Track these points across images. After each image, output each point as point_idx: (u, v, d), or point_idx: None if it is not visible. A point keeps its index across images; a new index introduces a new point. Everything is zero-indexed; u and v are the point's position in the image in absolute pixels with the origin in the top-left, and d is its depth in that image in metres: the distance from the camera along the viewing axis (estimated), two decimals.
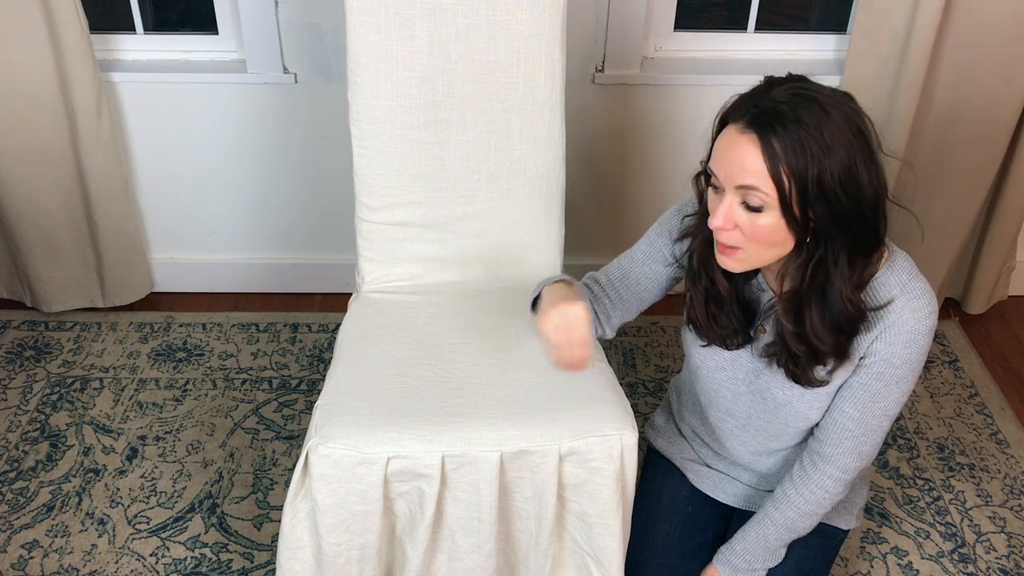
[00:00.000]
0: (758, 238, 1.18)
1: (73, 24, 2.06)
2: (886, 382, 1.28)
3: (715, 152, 1.20)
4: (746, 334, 1.37)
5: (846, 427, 1.33)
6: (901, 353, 1.26)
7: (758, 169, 1.13)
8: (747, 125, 1.14)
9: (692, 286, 1.38)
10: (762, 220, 1.16)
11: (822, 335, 1.24)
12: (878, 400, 1.30)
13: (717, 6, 3.11)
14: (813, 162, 1.11)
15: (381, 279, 1.76)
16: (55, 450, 2.06)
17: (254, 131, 2.34)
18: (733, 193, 1.17)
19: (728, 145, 1.17)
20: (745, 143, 1.14)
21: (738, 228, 1.19)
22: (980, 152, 2.28)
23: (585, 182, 2.42)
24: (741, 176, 1.15)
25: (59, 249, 2.37)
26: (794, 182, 1.12)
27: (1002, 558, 1.88)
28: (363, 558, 1.46)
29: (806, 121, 1.11)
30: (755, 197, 1.15)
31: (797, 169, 1.12)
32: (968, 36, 2.12)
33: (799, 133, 1.11)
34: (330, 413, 1.43)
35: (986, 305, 2.55)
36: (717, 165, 1.19)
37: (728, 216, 1.18)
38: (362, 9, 1.59)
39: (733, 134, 1.16)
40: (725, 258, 1.24)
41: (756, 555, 1.44)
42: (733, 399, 1.44)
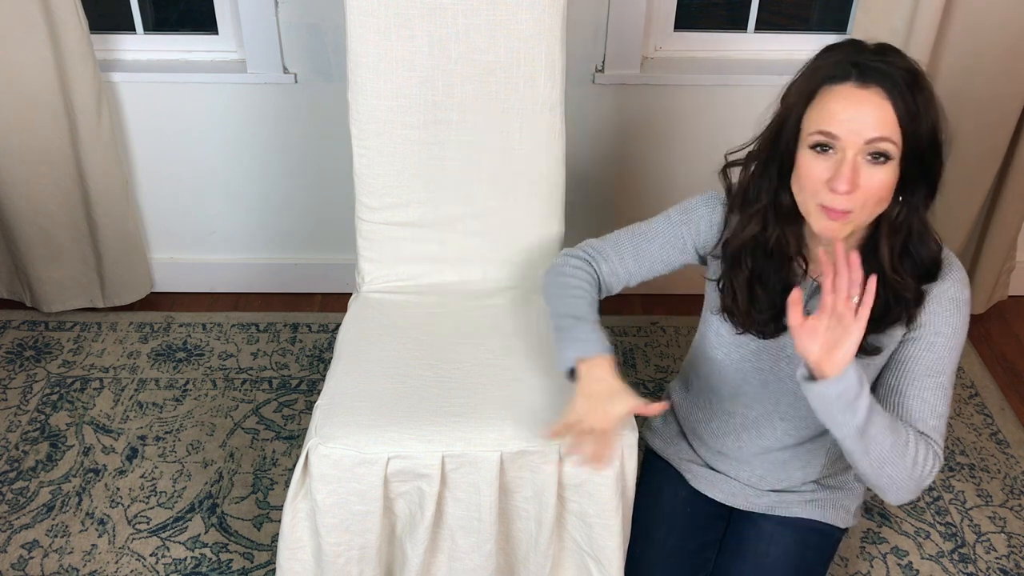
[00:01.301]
0: (875, 195, 1.19)
1: (73, 24, 2.06)
2: (938, 354, 1.29)
3: (826, 114, 1.19)
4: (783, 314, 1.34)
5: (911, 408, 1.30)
6: (950, 321, 1.29)
7: (889, 119, 1.16)
8: (865, 82, 1.17)
9: (732, 273, 1.37)
10: (881, 174, 1.18)
11: (909, 280, 1.26)
12: (931, 374, 1.30)
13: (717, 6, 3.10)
14: (924, 113, 1.17)
15: (381, 279, 1.76)
16: (55, 450, 2.06)
17: (254, 131, 2.34)
18: (857, 150, 1.17)
19: (850, 102, 1.17)
20: (870, 97, 1.16)
21: (858, 188, 1.19)
22: (980, 152, 2.28)
23: (585, 182, 2.42)
24: (872, 128, 1.16)
25: (59, 249, 2.37)
26: (915, 130, 1.17)
27: (1002, 558, 1.88)
28: (363, 558, 1.46)
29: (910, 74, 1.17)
30: (886, 147, 1.17)
31: (915, 117, 1.17)
32: (968, 36, 2.12)
33: (911, 87, 1.17)
34: (330, 413, 1.43)
35: (986, 305, 2.55)
36: (836, 124, 1.18)
37: (853, 178, 1.17)
38: (362, 9, 1.59)
39: (851, 90, 1.18)
40: (834, 223, 1.22)
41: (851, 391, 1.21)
42: (760, 388, 1.44)
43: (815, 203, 1.22)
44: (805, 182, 1.22)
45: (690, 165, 2.42)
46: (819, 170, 1.20)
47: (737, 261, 1.36)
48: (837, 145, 1.18)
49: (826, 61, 1.22)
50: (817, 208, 1.22)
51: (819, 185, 1.20)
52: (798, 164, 1.23)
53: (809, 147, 1.21)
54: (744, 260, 1.35)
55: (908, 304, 1.28)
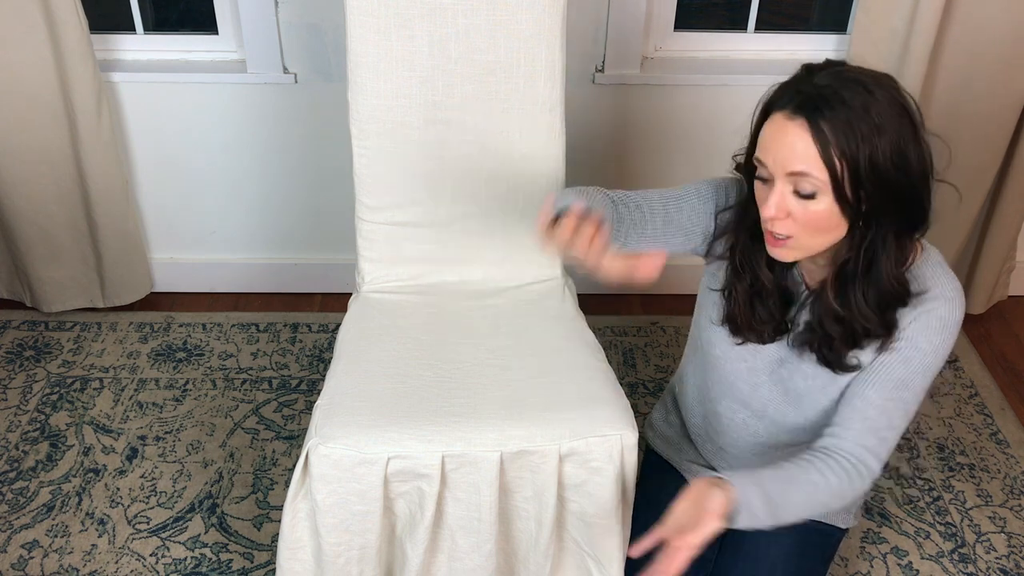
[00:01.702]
0: (811, 225, 1.17)
1: (73, 24, 2.06)
2: (912, 369, 1.26)
3: (761, 142, 1.19)
4: (783, 325, 1.36)
5: (867, 415, 1.28)
6: (931, 338, 1.25)
7: (809, 154, 1.13)
8: (794, 111, 1.14)
9: (736, 282, 1.36)
10: (815, 206, 1.16)
11: (867, 314, 1.23)
12: (901, 388, 1.27)
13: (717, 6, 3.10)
14: (864, 143, 1.11)
15: (381, 279, 1.76)
16: (55, 450, 2.06)
17: (254, 131, 2.34)
18: (784, 181, 1.16)
19: (776, 133, 1.16)
20: (794, 129, 1.14)
21: (791, 217, 1.18)
22: (980, 152, 2.28)
23: (585, 182, 2.41)
24: (792, 163, 1.14)
25: (59, 249, 2.37)
26: (846, 164, 1.12)
27: (1002, 558, 1.88)
28: (363, 558, 1.46)
29: (852, 102, 1.11)
30: (807, 183, 1.14)
31: (848, 151, 1.12)
32: (968, 36, 2.12)
33: (847, 115, 1.11)
34: (330, 413, 1.43)
35: (986, 305, 2.55)
36: (765, 154, 1.18)
37: (780, 205, 1.17)
38: (362, 9, 1.59)
39: (780, 121, 1.15)
40: (777, 249, 1.23)
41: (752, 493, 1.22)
42: (752, 391, 1.43)
43: (764, 228, 1.23)
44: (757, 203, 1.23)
45: (690, 165, 2.42)
46: (760, 195, 1.21)
47: (740, 271, 1.35)
48: (767, 174, 1.18)
49: (781, 84, 1.20)
50: (766, 232, 1.23)
51: (761, 209, 1.21)
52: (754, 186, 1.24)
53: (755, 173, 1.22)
54: (744, 269, 1.34)
55: (872, 334, 1.26)
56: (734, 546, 1.53)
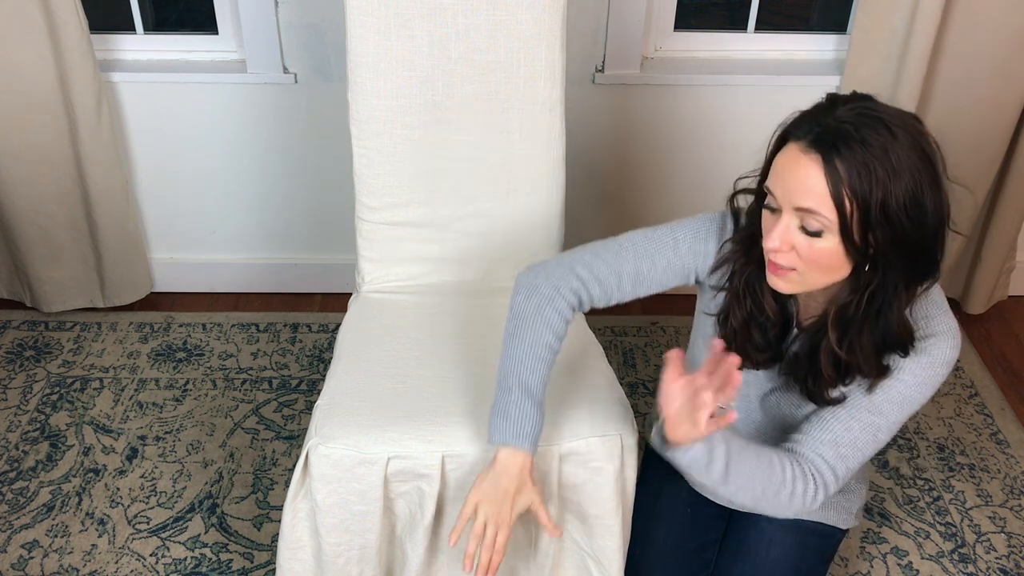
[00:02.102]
0: (815, 262, 1.14)
1: (73, 24, 2.06)
2: (888, 397, 1.24)
3: (774, 171, 1.15)
4: (777, 354, 1.33)
5: (832, 428, 1.27)
6: (918, 373, 1.23)
7: (819, 192, 1.09)
8: (810, 145, 1.10)
9: (734, 308, 1.32)
10: (820, 244, 1.12)
11: (869, 358, 1.21)
12: (874, 412, 1.25)
13: (717, 6, 3.11)
14: (878, 186, 1.07)
15: (381, 279, 1.76)
16: (55, 450, 2.06)
17: (254, 131, 2.34)
18: (791, 215, 1.13)
19: (788, 164, 1.12)
20: (807, 163, 1.10)
21: (795, 250, 1.15)
22: (980, 152, 2.28)
23: (585, 182, 2.42)
24: (801, 198, 1.11)
25: (59, 249, 2.37)
26: (856, 206, 1.08)
27: (1002, 558, 1.88)
28: (363, 558, 1.46)
29: (872, 143, 1.07)
30: (815, 221, 1.11)
31: (860, 193, 1.07)
32: (968, 36, 2.12)
33: (864, 155, 1.07)
34: (330, 413, 1.43)
35: (986, 305, 2.55)
36: (775, 184, 1.14)
37: (784, 239, 1.14)
38: (362, 9, 1.59)
39: (795, 153, 1.12)
40: (777, 279, 1.20)
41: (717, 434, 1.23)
42: (744, 417, 1.43)
43: (767, 255, 1.20)
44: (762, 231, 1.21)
45: (690, 165, 2.42)
46: (766, 224, 1.19)
47: (738, 298, 1.32)
48: (776, 204, 1.15)
49: (802, 112, 1.16)
50: (768, 260, 1.20)
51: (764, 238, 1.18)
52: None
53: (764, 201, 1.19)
54: (744, 299, 1.31)
55: (866, 375, 1.23)
56: (734, 547, 1.53)
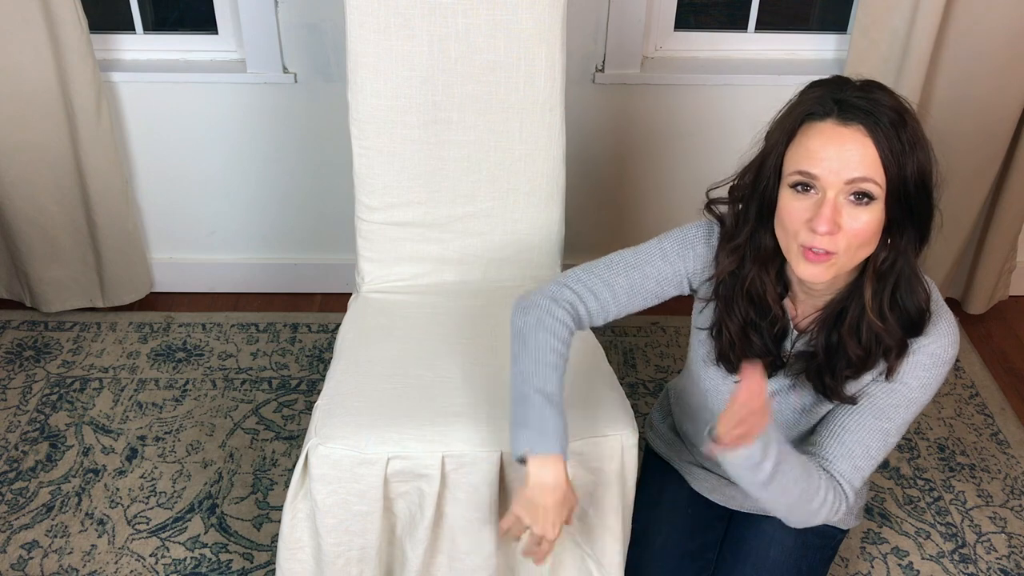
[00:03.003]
0: (858, 237, 1.14)
1: (73, 24, 2.06)
2: (895, 401, 1.26)
3: (807, 153, 1.14)
4: (778, 360, 1.33)
5: (845, 442, 1.28)
6: (919, 375, 1.24)
7: (871, 159, 1.11)
8: (845, 119, 1.12)
9: (728, 316, 1.31)
10: (864, 216, 1.13)
11: (892, 327, 1.21)
12: (882, 418, 1.26)
13: (717, 6, 3.10)
14: (910, 153, 1.12)
15: (381, 279, 1.76)
16: (55, 450, 2.06)
17: (254, 131, 2.34)
18: (838, 190, 1.12)
19: (829, 141, 1.13)
20: (851, 135, 1.12)
21: (841, 231, 1.14)
22: (980, 152, 2.28)
23: (585, 182, 2.41)
24: (852, 169, 1.11)
25: (59, 249, 2.37)
26: (899, 171, 1.12)
27: (1002, 558, 1.88)
28: (363, 558, 1.46)
29: (896, 112, 1.12)
30: (868, 188, 1.12)
31: (901, 156, 1.12)
32: (968, 36, 2.11)
33: (894, 123, 1.11)
34: (330, 413, 1.43)
35: (986, 305, 2.55)
36: (815, 164, 1.13)
37: (833, 219, 1.12)
38: (362, 9, 1.59)
39: (831, 129, 1.13)
40: (814, 266, 1.16)
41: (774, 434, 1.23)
42: None
43: (797, 245, 1.17)
44: (787, 223, 1.18)
45: (690, 165, 2.42)
46: (800, 210, 1.16)
47: (730, 306, 1.31)
48: (818, 185, 1.14)
49: (808, 97, 1.17)
50: (799, 250, 1.17)
51: (800, 226, 1.16)
52: (779, 204, 1.19)
53: (790, 186, 1.17)
54: (737, 305, 1.30)
55: (889, 353, 1.23)
56: (735, 547, 1.53)
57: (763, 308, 1.29)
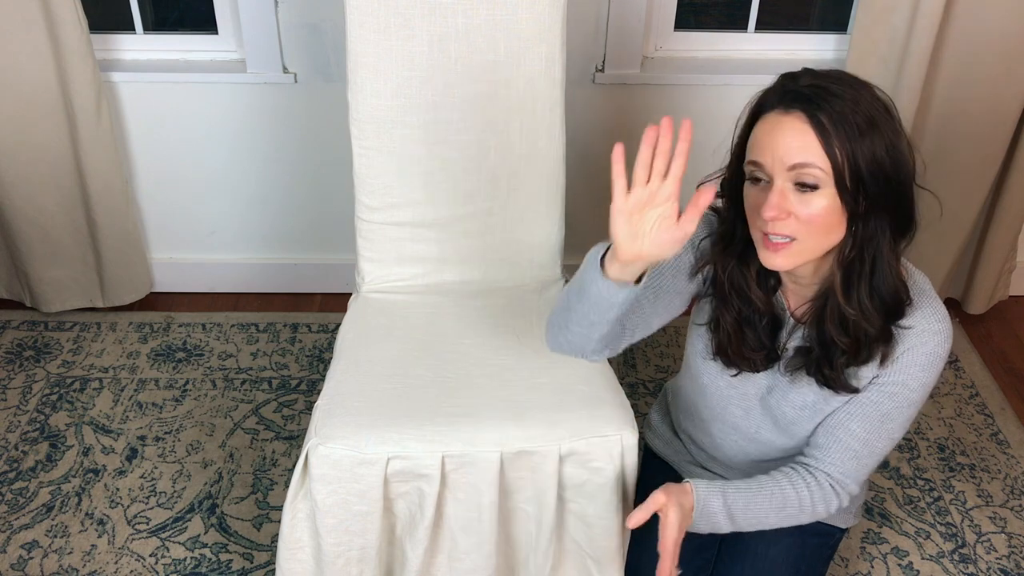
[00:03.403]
0: (813, 223, 1.15)
1: (73, 24, 2.06)
2: (898, 403, 1.27)
3: (755, 144, 1.18)
4: (773, 353, 1.34)
5: (851, 446, 1.30)
6: (918, 376, 1.25)
7: (810, 144, 1.12)
8: (788, 107, 1.14)
9: (723, 312, 1.33)
10: (816, 201, 1.14)
11: (871, 314, 1.21)
12: (886, 421, 1.28)
13: (717, 6, 3.10)
14: (862, 137, 1.11)
15: (381, 279, 1.76)
16: (55, 450, 2.06)
17: (254, 131, 2.34)
18: (784, 177, 1.15)
19: (772, 129, 1.15)
20: (791, 122, 1.13)
21: (792, 216, 1.16)
22: (980, 152, 2.28)
23: (585, 182, 2.41)
24: (793, 155, 1.13)
25: (59, 249, 2.37)
26: (846, 156, 1.12)
27: (1003, 558, 1.88)
28: (363, 558, 1.46)
29: (844, 96, 1.12)
30: (810, 175, 1.13)
31: (848, 142, 1.11)
32: (968, 36, 2.11)
33: (842, 107, 1.11)
34: (330, 413, 1.43)
35: (987, 305, 2.55)
36: (761, 153, 1.16)
37: (780, 204, 1.14)
38: (362, 8, 1.59)
39: (775, 118, 1.15)
40: (775, 255, 1.19)
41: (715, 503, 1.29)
42: (743, 415, 1.43)
43: (759, 234, 1.20)
44: (748, 213, 1.21)
45: (690, 165, 2.41)
46: (754, 199, 1.19)
47: (725, 300, 1.32)
48: (765, 174, 1.17)
49: (765, 90, 1.20)
50: (761, 239, 1.20)
51: (756, 215, 1.19)
52: (744, 197, 1.22)
53: (748, 178, 1.20)
54: (731, 299, 1.32)
55: (873, 341, 1.24)
56: (733, 547, 1.53)
57: (749, 300, 1.31)
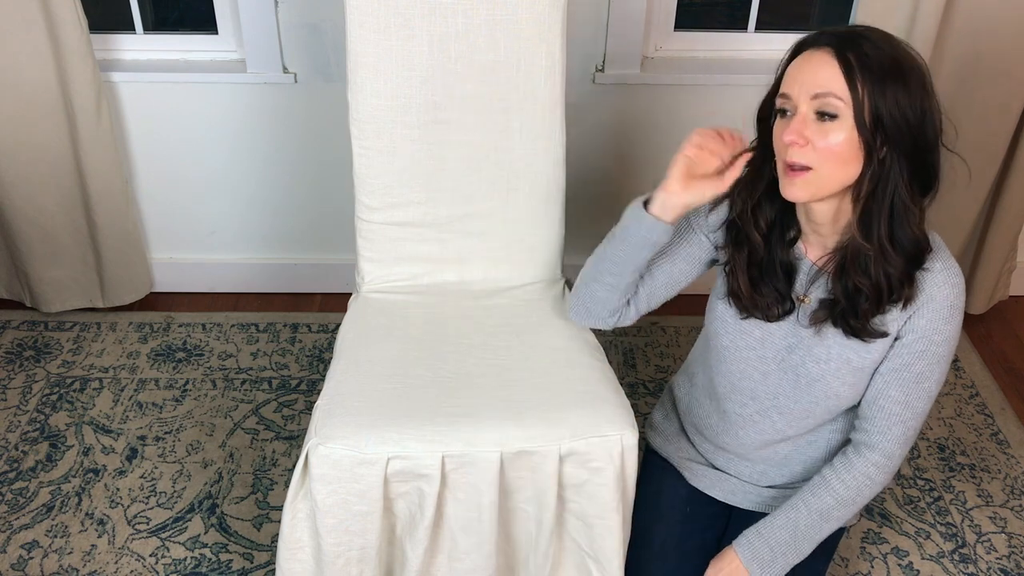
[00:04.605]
0: (830, 154, 1.20)
1: (73, 24, 2.06)
2: (928, 361, 1.31)
3: (786, 77, 1.23)
4: (789, 300, 1.37)
5: (893, 411, 1.34)
6: (942, 329, 1.30)
7: (834, 76, 1.17)
8: (822, 44, 1.20)
9: (735, 254, 1.39)
10: (835, 133, 1.19)
11: (891, 256, 1.25)
12: (922, 380, 1.32)
13: (717, 6, 3.10)
14: (886, 79, 1.16)
15: (381, 279, 1.76)
16: (55, 450, 2.06)
17: (254, 131, 2.34)
18: (808, 106, 1.20)
19: (802, 63, 1.21)
20: (821, 55, 1.19)
21: (810, 144, 1.20)
22: (981, 152, 2.28)
23: (585, 182, 2.41)
24: (816, 84, 1.18)
25: (59, 249, 2.37)
26: (867, 93, 1.17)
27: (1003, 558, 1.88)
28: (363, 558, 1.46)
29: (881, 46, 1.18)
30: (830, 104, 1.18)
31: (871, 82, 1.16)
32: (968, 37, 2.12)
33: (871, 50, 1.17)
34: (330, 413, 1.43)
35: (987, 305, 2.55)
36: (789, 85, 1.22)
37: (800, 130, 1.20)
38: (362, 9, 1.59)
39: (808, 54, 1.21)
40: (792, 184, 1.24)
41: (781, 543, 1.40)
42: (761, 379, 1.43)
43: (782, 165, 1.25)
44: (774, 144, 1.26)
45: None
46: (780, 130, 1.24)
47: (739, 242, 1.38)
48: (791, 106, 1.22)
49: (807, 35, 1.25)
50: (783, 169, 1.25)
51: (780, 144, 1.24)
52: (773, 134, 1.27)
53: (776, 111, 1.25)
54: (744, 241, 1.37)
55: (894, 283, 1.27)
56: None
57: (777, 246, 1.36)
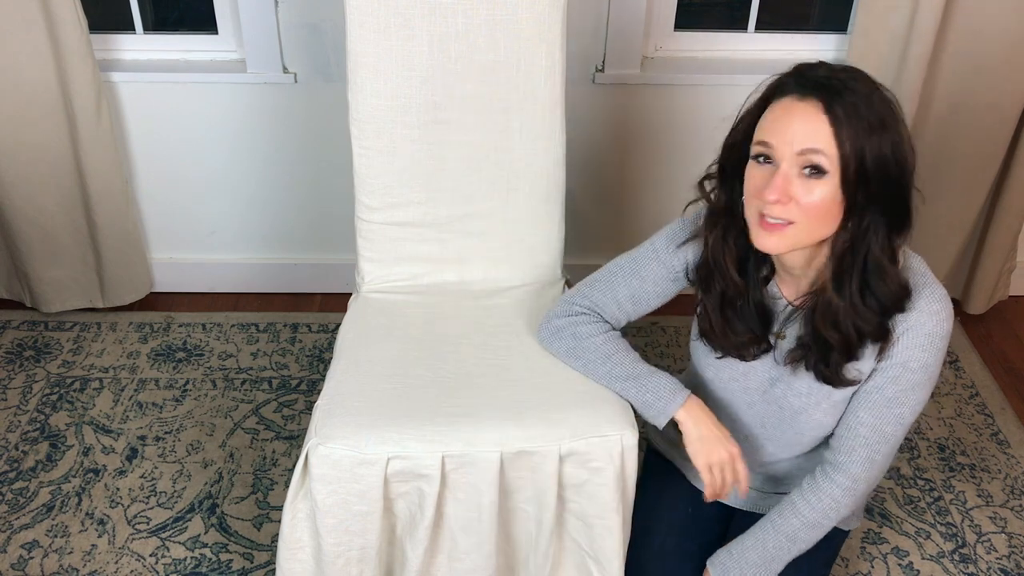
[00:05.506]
0: (813, 211, 1.17)
1: (73, 24, 2.06)
2: (902, 387, 1.28)
3: (766, 124, 1.19)
4: (764, 340, 1.35)
5: (860, 434, 1.32)
6: (919, 356, 1.26)
7: (822, 132, 1.14)
8: (805, 94, 1.16)
9: (705, 293, 1.36)
10: (819, 189, 1.16)
11: (865, 314, 1.22)
12: (893, 405, 1.29)
13: (717, 6, 3.10)
14: (872, 132, 1.14)
15: (381, 279, 1.76)
16: (55, 450, 2.06)
17: (254, 131, 2.34)
18: (791, 162, 1.16)
19: (785, 113, 1.17)
20: (807, 108, 1.15)
21: (793, 202, 1.17)
22: (980, 152, 2.28)
23: (585, 182, 2.41)
24: (804, 140, 1.15)
25: (59, 249, 2.37)
26: (855, 149, 1.14)
27: (1003, 558, 1.88)
28: (363, 558, 1.46)
29: (860, 93, 1.15)
30: (818, 159, 1.15)
31: (858, 137, 1.14)
32: (968, 36, 2.11)
33: (857, 102, 1.14)
34: (330, 413, 1.43)
35: (987, 305, 2.55)
36: (771, 134, 1.18)
37: (784, 188, 1.16)
38: (362, 9, 1.59)
39: (790, 103, 1.17)
40: (768, 236, 1.20)
41: (751, 563, 1.42)
42: (746, 409, 1.43)
43: (755, 214, 1.21)
44: (748, 192, 1.22)
45: (690, 165, 2.41)
46: (757, 180, 1.20)
47: (708, 283, 1.35)
48: (773, 155, 1.18)
49: (779, 76, 1.22)
50: (757, 219, 1.21)
51: (756, 194, 1.20)
52: (745, 176, 1.23)
53: (752, 157, 1.21)
54: (715, 282, 1.34)
55: (868, 337, 1.25)
56: None
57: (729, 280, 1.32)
